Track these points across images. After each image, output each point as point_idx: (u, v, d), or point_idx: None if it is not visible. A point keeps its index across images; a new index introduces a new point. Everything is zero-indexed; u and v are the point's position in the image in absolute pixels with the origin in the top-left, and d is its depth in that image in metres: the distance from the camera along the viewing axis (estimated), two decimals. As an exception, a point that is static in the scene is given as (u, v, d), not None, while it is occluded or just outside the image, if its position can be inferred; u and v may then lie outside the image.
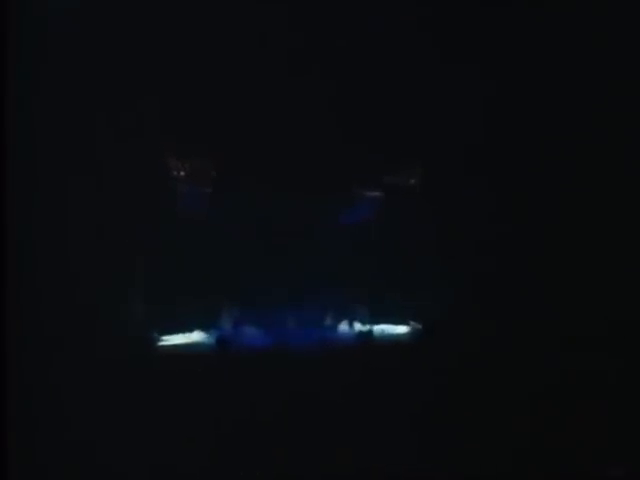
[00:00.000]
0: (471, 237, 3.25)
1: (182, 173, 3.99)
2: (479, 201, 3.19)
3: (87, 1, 2.87)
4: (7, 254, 2.81)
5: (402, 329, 4.21)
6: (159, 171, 3.57)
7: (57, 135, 2.91)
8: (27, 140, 2.86)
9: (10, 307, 2.81)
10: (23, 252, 2.87)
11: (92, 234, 3.08)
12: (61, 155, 2.96)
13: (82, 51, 2.88)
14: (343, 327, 4.13)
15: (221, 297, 3.77)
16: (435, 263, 3.52)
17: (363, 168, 3.66)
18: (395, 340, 3.76)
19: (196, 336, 4.02)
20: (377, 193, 3.99)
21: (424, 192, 3.56)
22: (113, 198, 3.12)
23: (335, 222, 4.13)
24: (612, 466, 2.74)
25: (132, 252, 3.31)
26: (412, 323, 4.12)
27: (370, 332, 3.94)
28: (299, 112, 3.27)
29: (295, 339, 4.06)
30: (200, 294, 3.71)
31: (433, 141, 3.25)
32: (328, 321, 4.24)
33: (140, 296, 3.47)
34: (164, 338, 3.91)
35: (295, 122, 3.27)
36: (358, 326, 4.27)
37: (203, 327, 3.97)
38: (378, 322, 4.23)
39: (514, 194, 3.13)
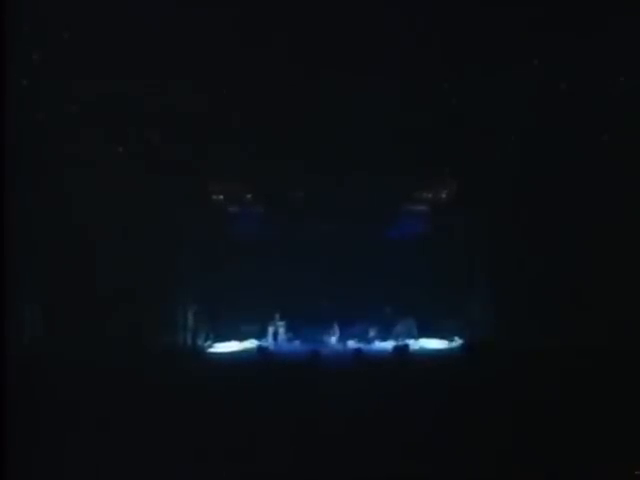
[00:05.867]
0: (514, 255, 3.32)
1: (233, 196, 4.10)
2: (525, 219, 3.26)
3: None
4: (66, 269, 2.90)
5: (444, 344, 4.25)
6: (212, 193, 3.65)
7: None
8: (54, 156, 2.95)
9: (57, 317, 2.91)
10: (80, 276, 2.98)
11: (150, 252, 3.19)
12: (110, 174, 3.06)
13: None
14: (382, 341, 4.19)
15: (266, 309, 3.84)
16: (478, 279, 3.57)
17: (404, 187, 3.74)
18: (435, 355, 3.82)
19: (239, 345, 4.10)
20: (420, 209, 4.07)
21: (469, 209, 3.62)
22: (173, 218, 3.23)
23: (376, 239, 4.20)
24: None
25: (184, 268, 3.40)
26: (455, 338, 4.16)
27: (406, 347, 4.00)
28: (346, 132, 3.36)
29: (334, 351, 4.13)
30: (247, 307, 3.79)
31: (478, 158, 3.34)
32: (367, 334, 4.30)
33: (191, 309, 3.56)
34: (212, 346, 4.00)
35: (344, 144, 3.36)
36: (398, 341, 4.32)
37: (247, 337, 4.03)
38: (419, 337, 4.28)
39: (562, 215, 3.20)
